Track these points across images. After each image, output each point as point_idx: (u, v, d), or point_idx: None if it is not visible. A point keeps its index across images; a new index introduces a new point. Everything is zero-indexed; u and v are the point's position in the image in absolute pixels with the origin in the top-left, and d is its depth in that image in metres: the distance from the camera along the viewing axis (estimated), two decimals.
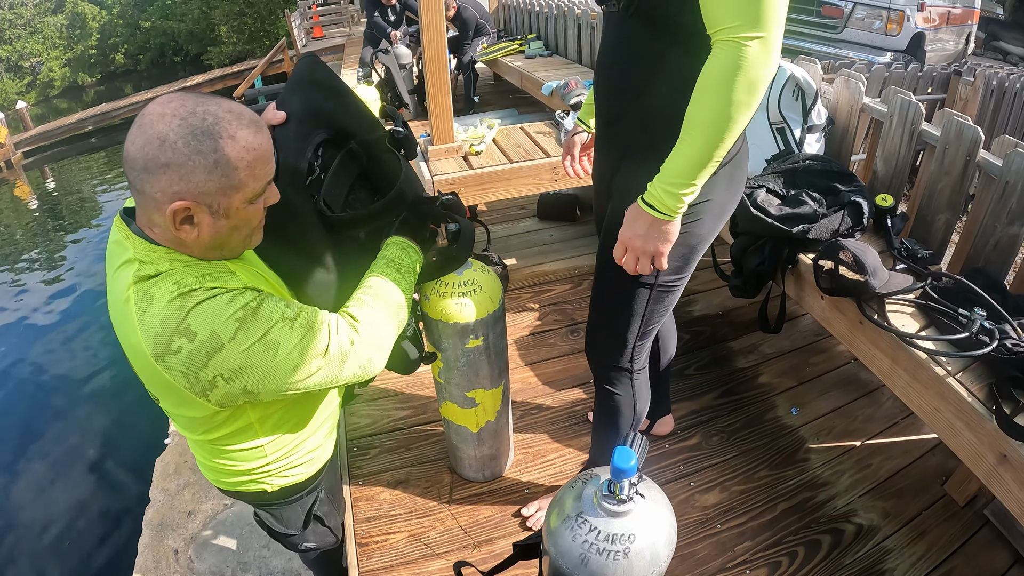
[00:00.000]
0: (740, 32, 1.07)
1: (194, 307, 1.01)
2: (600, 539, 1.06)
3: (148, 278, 1.04)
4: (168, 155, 0.96)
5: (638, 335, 1.56)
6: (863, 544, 2.00)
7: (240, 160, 1.01)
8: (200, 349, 1.02)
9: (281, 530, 1.53)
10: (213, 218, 1.03)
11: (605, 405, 1.74)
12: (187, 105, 0.99)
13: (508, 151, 3.30)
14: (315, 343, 1.11)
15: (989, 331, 1.68)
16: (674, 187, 1.20)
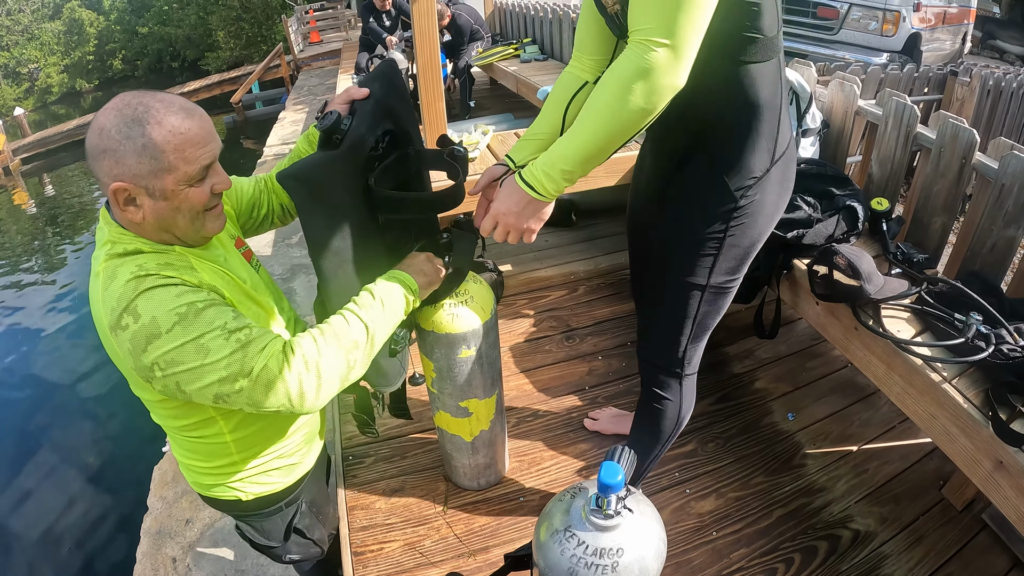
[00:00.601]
0: (652, 35, 1.06)
1: (145, 291, 1.08)
2: (588, 553, 1.05)
3: (116, 256, 1.13)
4: (105, 142, 1.06)
5: (690, 337, 1.55)
6: (860, 550, 1.99)
7: (167, 143, 1.07)
8: (141, 332, 1.06)
9: (262, 542, 1.57)
10: (152, 200, 1.11)
11: (649, 406, 1.73)
12: (125, 99, 1.09)
13: (502, 157, 3.30)
14: (244, 360, 1.10)
15: (985, 336, 1.67)
16: (555, 172, 1.20)
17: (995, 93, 4.96)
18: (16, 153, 13.88)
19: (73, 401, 5.78)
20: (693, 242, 1.42)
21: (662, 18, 1.05)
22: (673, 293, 1.51)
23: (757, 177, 1.33)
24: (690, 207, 1.41)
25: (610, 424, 2.34)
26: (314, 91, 11.64)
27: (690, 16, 1.05)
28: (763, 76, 1.23)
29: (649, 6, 1.06)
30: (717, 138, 1.32)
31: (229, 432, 1.31)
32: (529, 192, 1.24)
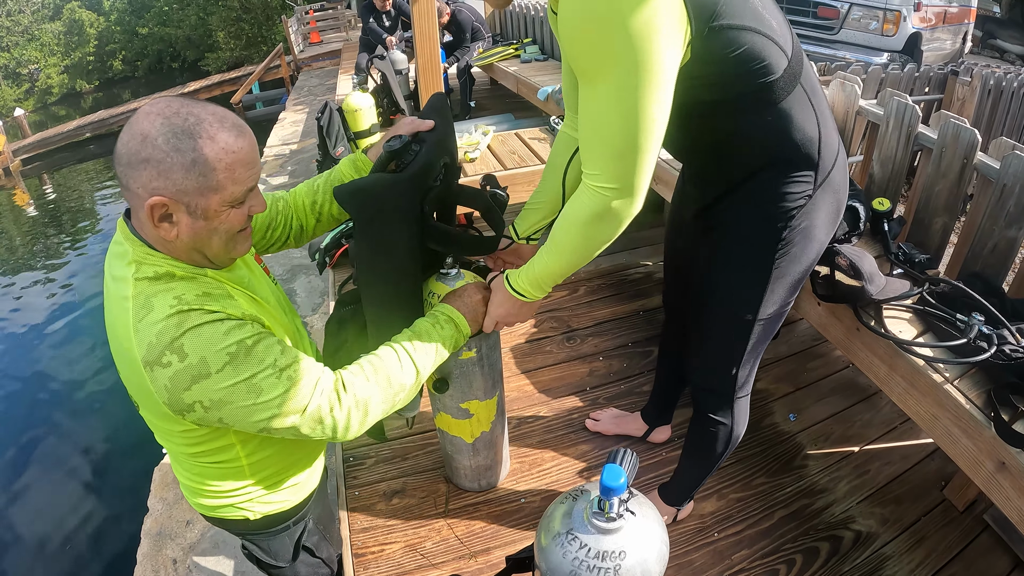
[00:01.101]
0: (601, 182, 1.13)
1: (191, 328, 1.02)
2: (590, 556, 1.05)
3: (147, 280, 1.06)
4: (148, 151, 0.98)
5: (742, 364, 1.54)
6: (862, 551, 1.98)
7: (218, 161, 1.02)
8: (187, 371, 1.02)
9: (270, 562, 1.51)
10: (191, 218, 1.05)
11: (704, 429, 1.71)
12: (172, 106, 1.01)
13: (503, 157, 3.30)
14: (296, 399, 1.11)
15: (987, 337, 1.67)
16: (537, 284, 1.37)
17: (996, 93, 4.95)
18: (16, 154, 13.89)
19: (73, 402, 5.78)
20: (740, 278, 1.42)
21: (609, 167, 1.11)
22: (723, 327, 1.51)
23: (801, 205, 1.29)
24: (733, 242, 1.40)
25: (611, 425, 2.34)
26: (314, 91, 11.64)
27: (635, 163, 1.09)
28: (793, 106, 1.20)
29: (595, 155, 1.12)
30: (755, 172, 1.29)
31: (246, 456, 1.27)
32: (520, 298, 1.41)
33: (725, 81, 1.15)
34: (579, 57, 1.06)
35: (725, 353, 1.54)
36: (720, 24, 1.05)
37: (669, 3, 0.99)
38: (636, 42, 0.98)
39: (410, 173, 1.34)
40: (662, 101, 1.05)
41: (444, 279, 1.62)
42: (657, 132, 1.08)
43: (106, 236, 9.91)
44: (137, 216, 1.07)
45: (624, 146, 1.08)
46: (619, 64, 1.01)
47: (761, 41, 1.11)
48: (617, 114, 1.05)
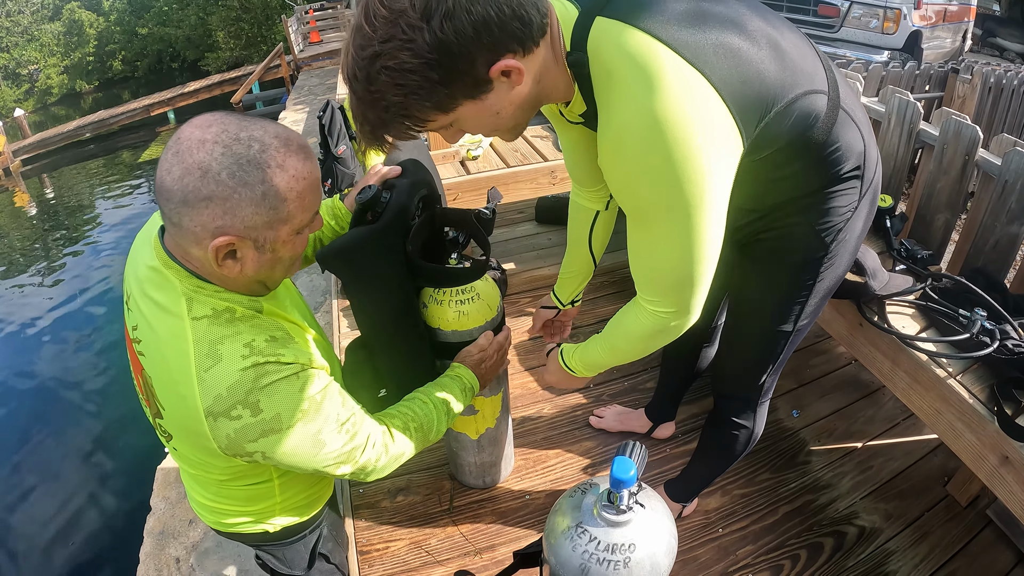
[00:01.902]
0: (659, 307, 1.15)
1: (268, 385, 0.98)
2: (600, 549, 1.06)
3: (206, 320, 0.99)
4: (211, 187, 0.88)
5: (771, 371, 1.55)
6: (865, 546, 1.99)
7: (290, 191, 0.94)
8: (258, 426, 0.99)
9: (285, 571, 1.48)
10: (258, 252, 0.97)
11: (724, 432, 1.72)
12: (229, 130, 0.90)
13: (505, 155, 3.30)
14: (351, 452, 1.14)
15: (990, 332, 1.68)
16: (589, 367, 1.45)
17: (996, 91, 4.96)
18: (16, 154, 13.90)
19: (75, 402, 5.79)
20: (782, 291, 1.40)
21: (667, 296, 1.12)
22: (757, 337, 1.50)
23: (848, 217, 1.27)
24: (778, 256, 1.37)
25: (615, 422, 2.35)
26: (314, 91, 11.64)
27: (693, 291, 1.10)
28: (839, 132, 1.15)
29: (650, 285, 1.15)
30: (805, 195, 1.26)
31: (278, 478, 1.26)
32: (571, 372, 1.49)
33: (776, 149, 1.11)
34: (629, 204, 1.04)
35: (756, 362, 1.54)
36: (772, 114, 1.01)
37: (722, 135, 0.95)
38: (691, 191, 0.94)
39: (384, 222, 1.34)
40: (715, 232, 1.03)
41: None
42: (712, 260, 1.06)
43: (106, 236, 9.91)
44: (184, 249, 0.98)
45: (682, 279, 1.07)
46: (673, 212, 0.98)
47: (804, 101, 1.06)
48: (672, 253, 1.04)
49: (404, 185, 1.41)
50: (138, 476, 4.40)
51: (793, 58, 1.05)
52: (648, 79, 0.89)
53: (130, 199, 11.64)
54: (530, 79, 0.98)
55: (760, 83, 0.98)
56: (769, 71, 0.99)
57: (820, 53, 1.18)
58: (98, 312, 7.37)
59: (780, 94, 1.01)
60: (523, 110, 1.04)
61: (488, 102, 0.97)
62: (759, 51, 0.98)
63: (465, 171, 3.15)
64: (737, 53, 0.95)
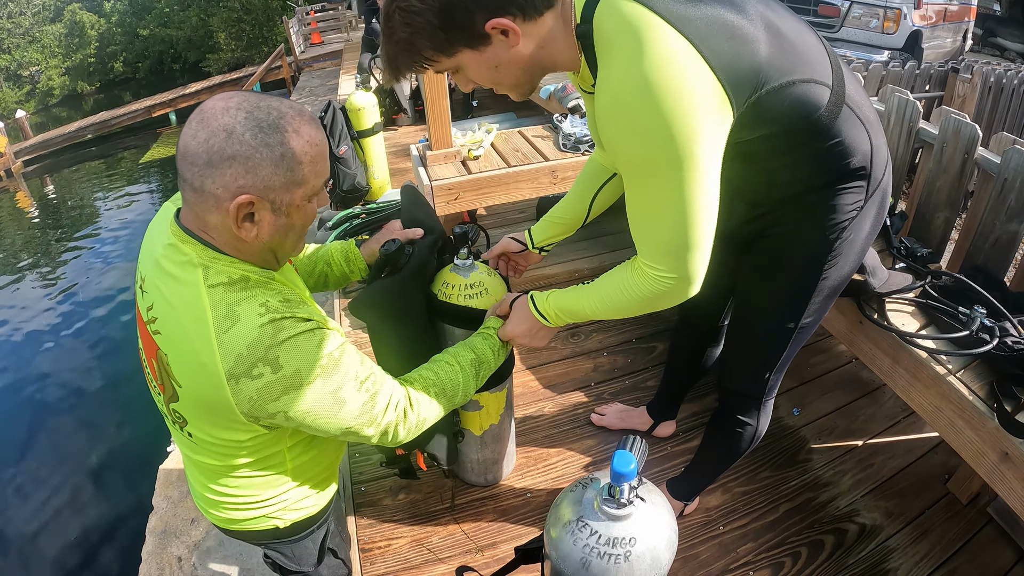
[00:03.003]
0: (659, 271, 1.14)
1: (288, 339, 1.01)
2: (601, 543, 1.06)
3: (222, 287, 1.03)
4: (235, 147, 0.95)
5: (775, 369, 1.55)
6: (866, 544, 2.00)
7: (304, 155, 1.00)
8: (280, 383, 1.02)
9: (294, 568, 1.48)
10: (274, 215, 1.03)
11: (727, 429, 1.73)
12: (250, 100, 0.98)
13: (506, 155, 3.30)
14: (373, 411, 1.16)
15: (989, 329, 1.68)
16: (566, 315, 1.41)
17: (996, 90, 4.96)
18: (18, 155, 13.93)
19: (77, 402, 5.80)
20: (785, 288, 1.42)
21: (664, 261, 1.13)
22: (762, 334, 1.51)
23: (853, 216, 1.28)
24: (782, 253, 1.39)
25: (617, 419, 2.36)
26: (315, 92, 11.64)
27: (690, 256, 1.11)
28: (843, 126, 1.18)
29: (649, 248, 1.15)
30: (808, 191, 1.28)
31: (291, 461, 1.26)
32: (540, 320, 1.44)
33: (772, 132, 1.14)
34: (624, 163, 1.08)
35: (761, 359, 1.55)
36: (764, 92, 1.05)
37: (708, 99, 0.98)
38: (680, 148, 0.98)
39: (409, 273, 1.53)
40: (710, 195, 1.06)
41: (458, 270, 1.64)
42: (708, 224, 1.08)
43: (107, 237, 9.93)
44: (202, 219, 1.03)
45: (678, 243, 1.09)
46: (666, 169, 1.02)
47: (802, 88, 1.09)
48: (667, 215, 1.07)
49: (427, 241, 1.60)
50: (140, 475, 4.41)
51: (793, 44, 1.08)
52: (638, 43, 0.96)
53: (132, 200, 11.66)
54: (531, 43, 1.09)
55: (752, 59, 1.02)
56: (763, 50, 1.03)
57: (828, 48, 1.19)
58: (100, 312, 7.38)
59: (773, 75, 1.04)
60: (524, 71, 1.14)
61: (487, 55, 1.10)
62: (754, 30, 1.02)
63: (466, 171, 3.16)
64: (729, 28, 1.00)
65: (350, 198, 4.22)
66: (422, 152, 3.31)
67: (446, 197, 3.09)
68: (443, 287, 1.64)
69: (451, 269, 1.65)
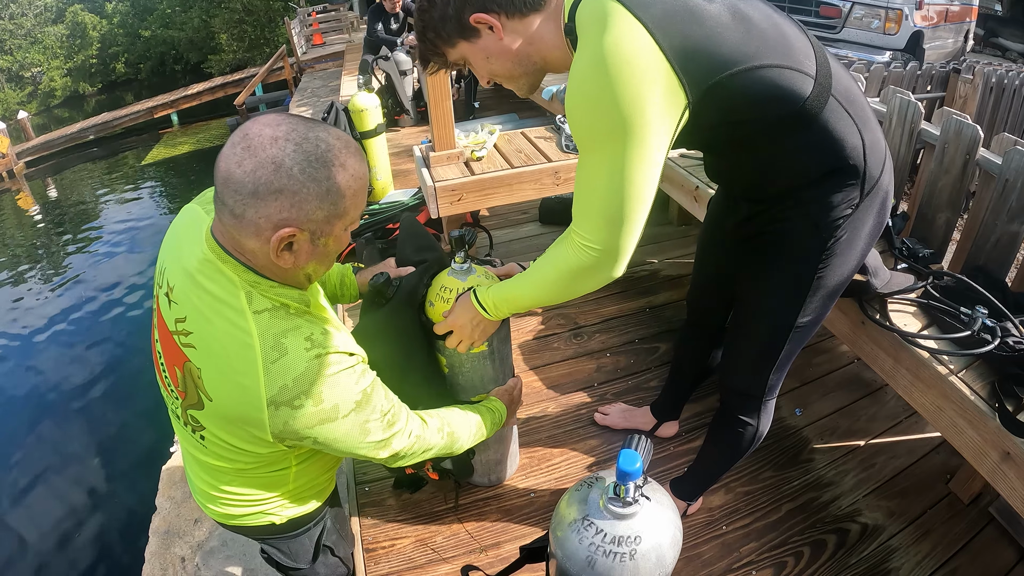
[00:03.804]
0: (587, 241, 1.19)
1: (332, 376, 1.07)
2: (606, 541, 1.07)
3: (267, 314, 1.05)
4: (283, 181, 0.95)
5: (775, 368, 1.56)
6: (868, 543, 2.00)
7: (348, 188, 1.01)
8: (318, 414, 1.07)
9: (290, 564, 1.51)
10: (312, 245, 1.04)
11: (728, 429, 1.74)
12: (299, 130, 0.98)
13: (509, 156, 3.32)
14: (391, 441, 1.23)
15: (991, 329, 1.69)
16: (504, 304, 1.45)
17: (997, 90, 4.97)
18: (20, 156, 13.91)
19: (80, 403, 5.81)
20: (780, 287, 1.43)
21: (595, 230, 1.18)
22: (760, 332, 1.52)
23: (847, 215, 1.30)
24: (776, 251, 1.41)
25: (620, 419, 2.37)
26: (317, 93, 11.65)
27: (620, 230, 1.16)
28: (829, 119, 1.20)
29: (583, 216, 1.20)
30: (800, 187, 1.30)
31: (296, 465, 1.29)
32: (481, 312, 1.48)
33: (752, 118, 1.17)
34: (575, 131, 1.14)
35: (760, 358, 1.55)
36: (725, 75, 1.08)
37: (656, 80, 1.04)
38: (624, 119, 1.05)
39: (398, 301, 1.60)
40: (649, 173, 1.12)
41: (455, 273, 1.64)
42: (643, 202, 1.15)
43: (108, 238, 9.93)
44: (238, 241, 1.03)
45: (611, 213, 1.15)
46: (608, 139, 1.08)
47: (775, 73, 1.12)
48: (605, 183, 1.13)
49: (416, 271, 1.67)
50: (143, 476, 4.42)
51: (763, 31, 1.12)
52: (600, 29, 1.04)
53: (134, 201, 11.66)
54: (517, 38, 1.22)
55: (710, 44, 1.07)
56: (726, 35, 1.08)
57: (814, 42, 1.23)
58: (102, 313, 7.38)
59: (737, 59, 1.08)
60: (515, 64, 1.26)
61: (479, 46, 1.24)
62: (716, 15, 1.08)
63: (469, 172, 3.17)
64: (688, 12, 1.06)
65: None
66: (425, 153, 3.33)
67: (449, 198, 3.10)
68: (440, 291, 1.64)
69: (448, 273, 1.66)
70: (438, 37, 1.25)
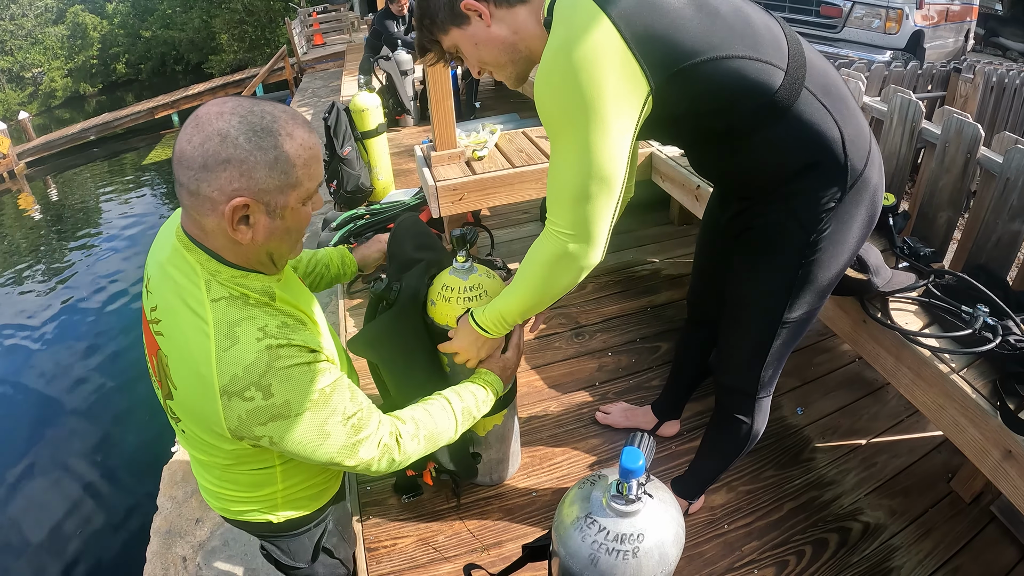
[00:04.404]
0: (561, 228, 1.22)
1: (283, 369, 1.05)
2: (609, 539, 1.07)
3: (224, 302, 1.07)
4: (229, 150, 0.97)
5: (766, 365, 1.57)
6: (870, 542, 2.00)
7: (298, 158, 1.03)
8: (269, 409, 1.05)
9: (288, 563, 1.52)
10: (269, 218, 1.05)
11: (726, 427, 1.75)
12: (244, 104, 1.01)
13: (511, 156, 3.32)
14: (355, 448, 1.19)
15: (992, 328, 1.69)
16: (500, 321, 1.47)
17: (998, 90, 4.97)
18: (21, 157, 13.94)
19: (81, 404, 5.81)
20: (768, 281, 1.44)
21: (565, 214, 1.20)
22: (750, 329, 1.53)
23: (831, 208, 1.30)
24: (762, 246, 1.42)
25: (621, 418, 2.37)
26: (318, 93, 11.67)
27: (588, 210, 1.19)
28: (803, 111, 1.22)
29: (554, 201, 1.23)
30: (784, 181, 1.31)
31: (280, 464, 1.29)
32: (482, 333, 1.50)
33: (723, 107, 1.20)
34: (543, 118, 1.18)
35: (751, 354, 1.56)
36: (687, 65, 1.12)
37: (616, 65, 1.08)
38: (585, 102, 1.09)
39: (401, 306, 1.61)
40: (613, 153, 1.15)
41: (456, 273, 1.64)
42: (609, 182, 1.17)
43: (109, 238, 9.95)
44: (199, 223, 1.05)
45: (577, 193, 1.18)
46: (571, 122, 1.13)
47: (740, 64, 1.15)
48: (571, 165, 1.16)
49: (417, 271, 1.67)
50: (145, 475, 4.42)
51: (729, 23, 1.15)
52: (567, 20, 1.10)
53: (135, 201, 11.67)
54: (504, 27, 1.28)
55: (672, 34, 1.10)
56: (689, 27, 1.11)
57: (788, 33, 1.25)
58: (103, 313, 7.39)
59: (700, 49, 1.12)
60: (503, 52, 1.31)
61: (468, 32, 1.29)
62: (680, 9, 1.12)
63: (471, 171, 3.17)
64: (652, 7, 1.10)
65: (354, 199, 4.23)
66: (426, 153, 3.33)
67: (451, 198, 3.10)
68: (442, 290, 1.65)
69: (450, 272, 1.66)
70: (433, 24, 1.31)
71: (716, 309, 1.85)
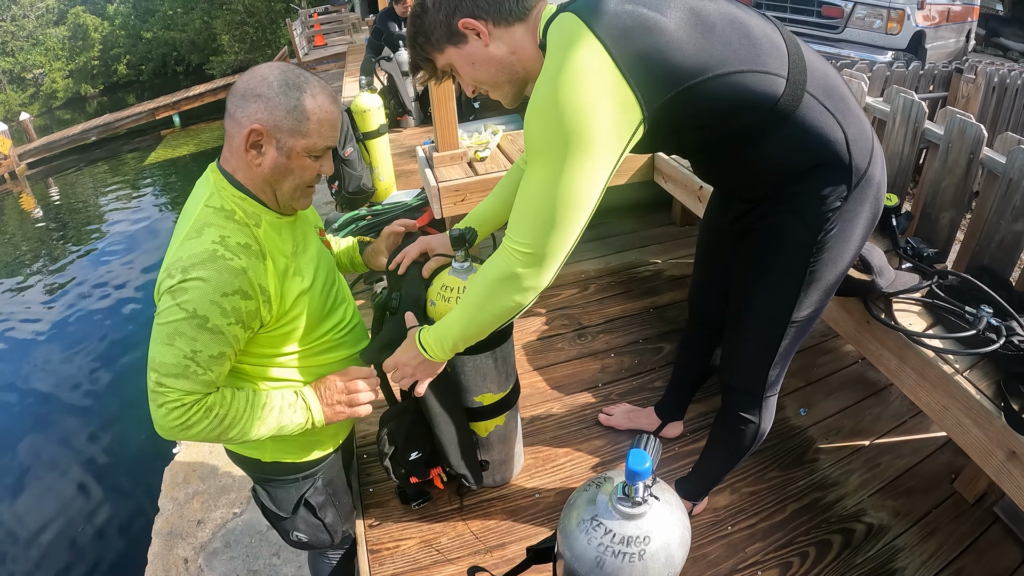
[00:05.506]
0: (518, 245, 1.21)
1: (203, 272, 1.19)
2: (615, 541, 1.07)
3: (212, 209, 1.27)
4: (263, 89, 1.22)
5: (774, 364, 1.56)
6: (873, 543, 2.00)
7: (313, 114, 1.25)
8: (172, 289, 1.20)
9: (273, 510, 1.65)
10: (277, 153, 1.26)
11: (732, 426, 1.74)
12: (291, 66, 1.28)
13: (513, 156, 3.32)
14: (166, 381, 1.22)
15: (996, 328, 1.69)
16: (442, 345, 1.42)
17: (1000, 90, 4.96)
18: (22, 158, 13.94)
19: (82, 403, 5.81)
20: (774, 282, 1.44)
21: (527, 232, 1.19)
22: (757, 329, 1.53)
23: (836, 207, 1.30)
24: (768, 246, 1.42)
25: (624, 419, 2.37)
26: None
27: (550, 234, 1.17)
28: (807, 115, 1.22)
29: (517, 219, 1.21)
30: (788, 183, 1.31)
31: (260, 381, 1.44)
32: (423, 353, 1.45)
33: (725, 121, 1.20)
34: (527, 140, 1.18)
35: (758, 354, 1.56)
36: (684, 88, 1.12)
37: (607, 94, 1.08)
38: (567, 130, 1.09)
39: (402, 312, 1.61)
40: (587, 185, 1.14)
41: (456, 272, 1.64)
42: (577, 211, 1.16)
43: (110, 238, 9.95)
44: (228, 146, 1.29)
45: (543, 216, 1.17)
46: (551, 148, 1.12)
47: (742, 79, 1.15)
48: (543, 187, 1.15)
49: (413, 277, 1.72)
50: (146, 477, 4.42)
51: (725, 38, 1.14)
52: (560, 46, 1.11)
53: (135, 202, 11.67)
54: (502, 46, 1.27)
55: (668, 58, 1.10)
56: (685, 48, 1.11)
57: (787, 37, 1.24)
58: (104, 314, 7.39)
59: (698, 70, 1.12)
60: (499, 71, 1.30)
61: (465, 51, 1.28)
62: (674, 30, 1.11)
63: (473, 172, 3.17)
64: (645, 30, 1.09)
65: (356, 200, 4.23)
66: (428, 154, 3.33)
67: (453, 198, 3.10)
68: (441, 290, 1.65)
69: (449, 272, 1.66)
70: (427, 42, 1.31)
71: (718, 309, 1.85)
